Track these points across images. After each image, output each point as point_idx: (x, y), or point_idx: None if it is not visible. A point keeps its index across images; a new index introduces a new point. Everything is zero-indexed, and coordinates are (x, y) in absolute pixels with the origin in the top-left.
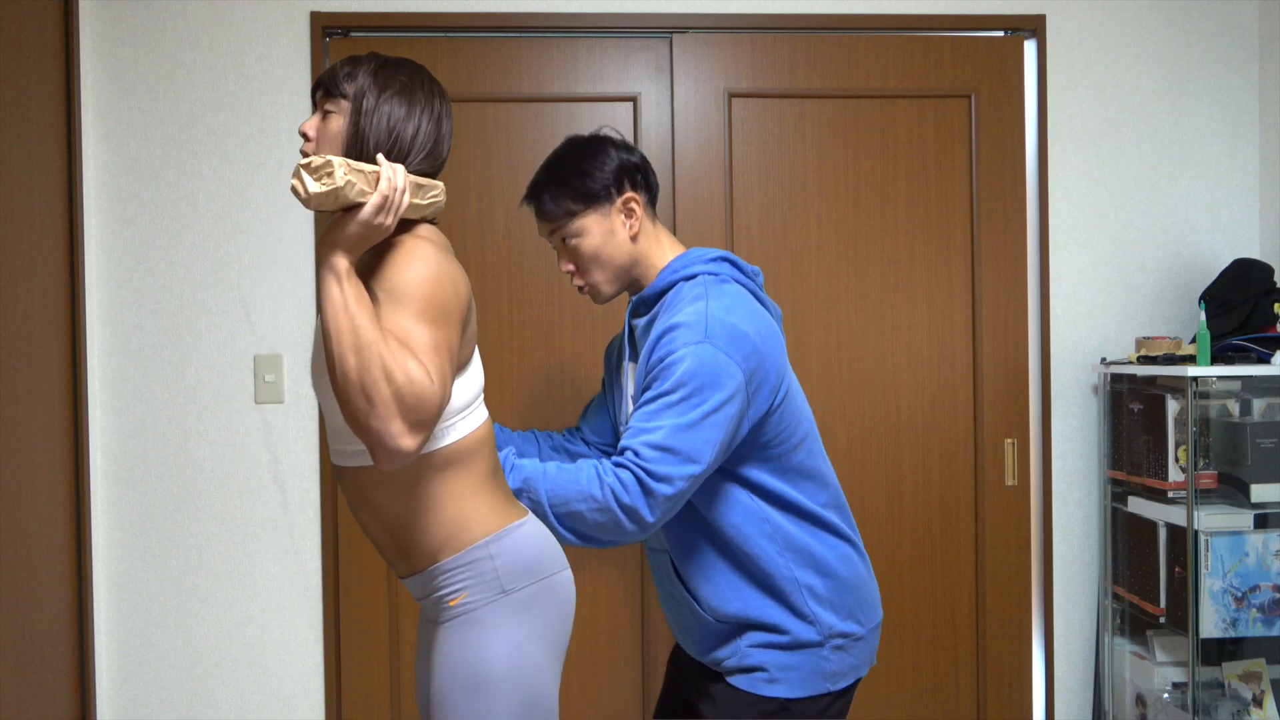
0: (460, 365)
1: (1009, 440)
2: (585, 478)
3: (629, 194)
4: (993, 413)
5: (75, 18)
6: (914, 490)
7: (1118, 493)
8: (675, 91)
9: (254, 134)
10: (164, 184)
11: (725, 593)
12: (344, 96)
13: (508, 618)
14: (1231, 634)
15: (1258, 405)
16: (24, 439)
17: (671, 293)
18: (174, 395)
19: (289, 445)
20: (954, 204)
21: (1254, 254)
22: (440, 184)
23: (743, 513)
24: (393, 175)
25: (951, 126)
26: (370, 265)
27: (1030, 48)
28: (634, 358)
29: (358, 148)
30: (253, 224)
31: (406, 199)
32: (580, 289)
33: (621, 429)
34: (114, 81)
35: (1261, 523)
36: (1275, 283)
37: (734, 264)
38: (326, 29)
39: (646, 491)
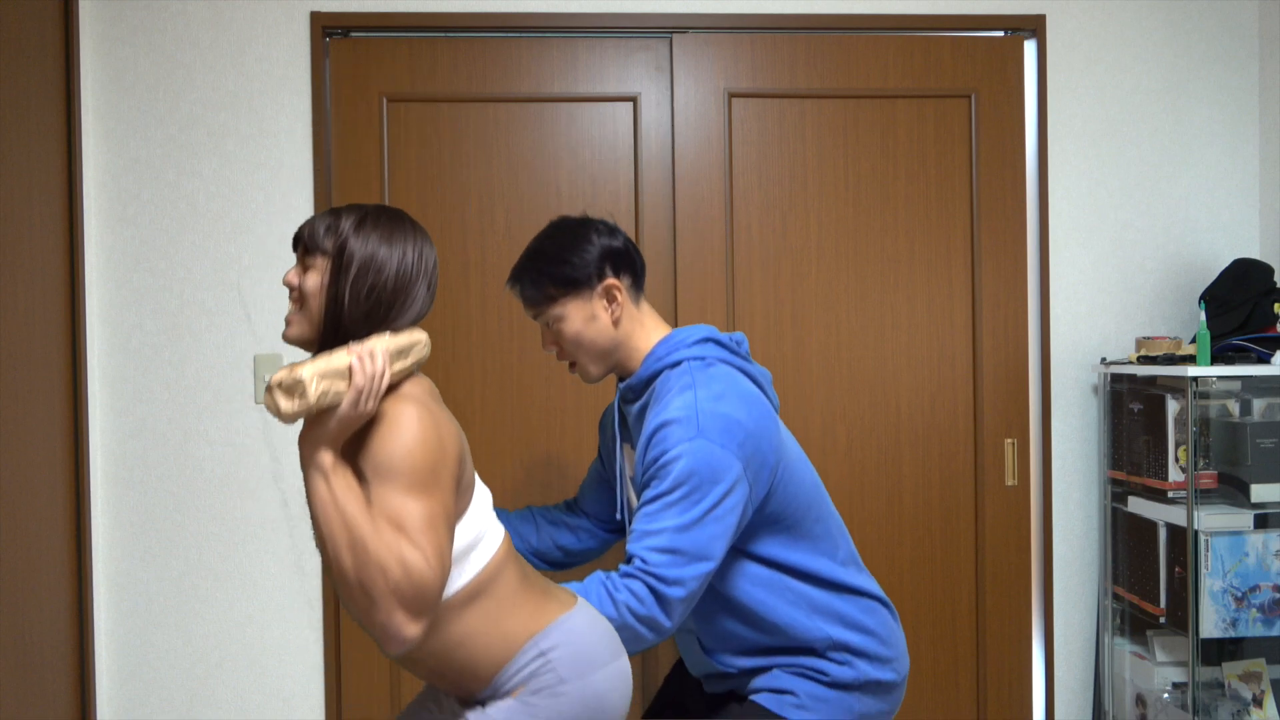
0: (461, 510)
1: (1009, 440)
2: (596, 597)
3: (610, 280)
4: (993, 413)
5: (75, 18)
6: (914, 490)
7: (1118, 493)
8: (675, 91)
9: (254, 134)
10: (164, 184)
11: (761, 657)
12: (324, 253)
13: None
14: (1231, 634)
15: (1258, 405)
16: (24, 439)
17: (659, 381)
18: (174, 395)
19: (289, 445)
20: (954, 204)
21: (1254, 254)
22: (422, 335)
23: (764, 585)
24: (369, 362)
25: (951, 126)
26: (354, 437)
27: (1030, 48)
28: (628, 439)
29: (337, 304)
30: (253, 224)
31: (386, 380)
32: (570, 368)
33: (618, 516)
34: (114, 81)
35: (1261, 523)
36: (1275, 283)
37: (717, 342)
38: (326, 29)
39: (660, 599)
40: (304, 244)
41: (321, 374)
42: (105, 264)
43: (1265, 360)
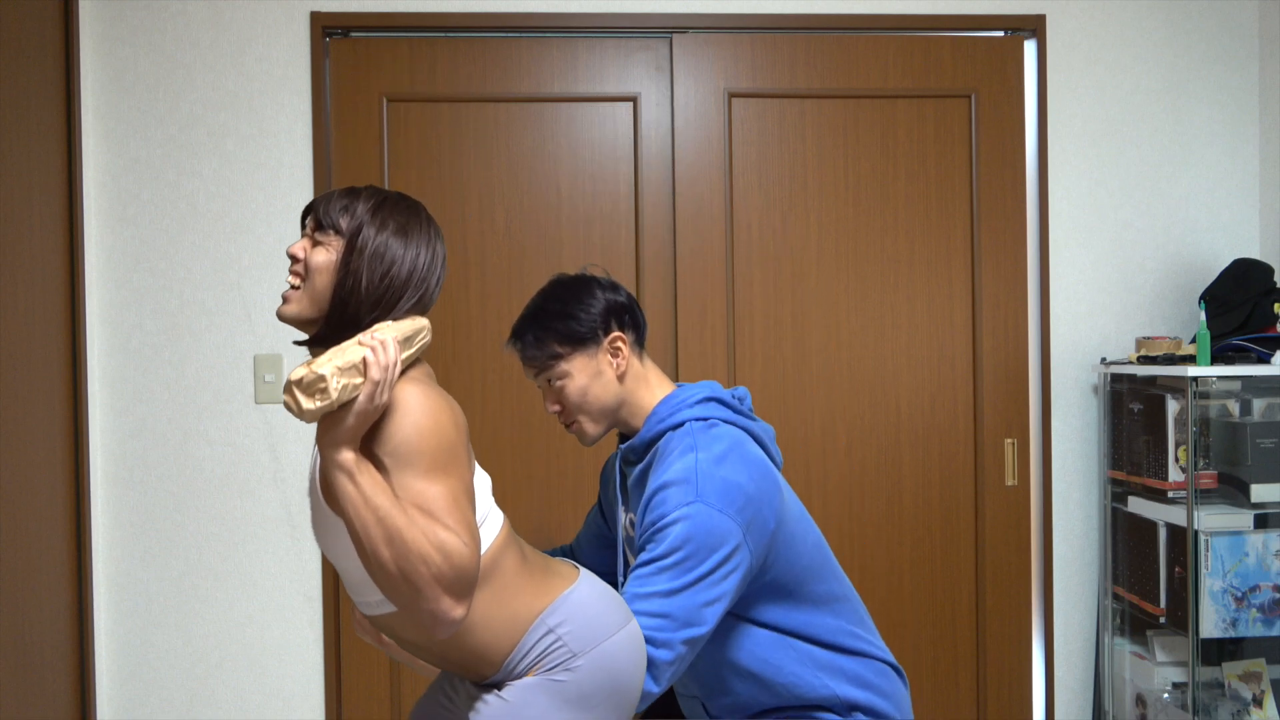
0: None
1: (1009, 440)
2: None
3: (615, 334)
4: (993, 413)
5: (75, 18)
6: (914, 490)
7: (1118, 493)
8: (675, 91)
9: (254, 134)
10: (164, 184)
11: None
12: (337, 232)
13: (572, 697)
14: (1231, 634)
15: (1258, 405)
16: (24, 439)
17: (661, 443)
18: (174, 395)
19: (289, 445)
20: (954, 204)
21: (1254, 254)
22: (425, 322)
23: (769, 647)
24: (382, 353)
25: (951, 126)
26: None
27: (1030, 48)
28: (629, 508)
29: (347, 287)
30: (253, 224)
31: (398, 370)
32: (568, 428)
33: (620, 579)
34: (114, 81)
35: (1261, 523)
36: (1275, 283)
37: (720, 401)
38: (326, 29)
39: (648, 663)
40: (316, 218)
41: (340, 369)
42: (105, 264)
43: (1265, 360)
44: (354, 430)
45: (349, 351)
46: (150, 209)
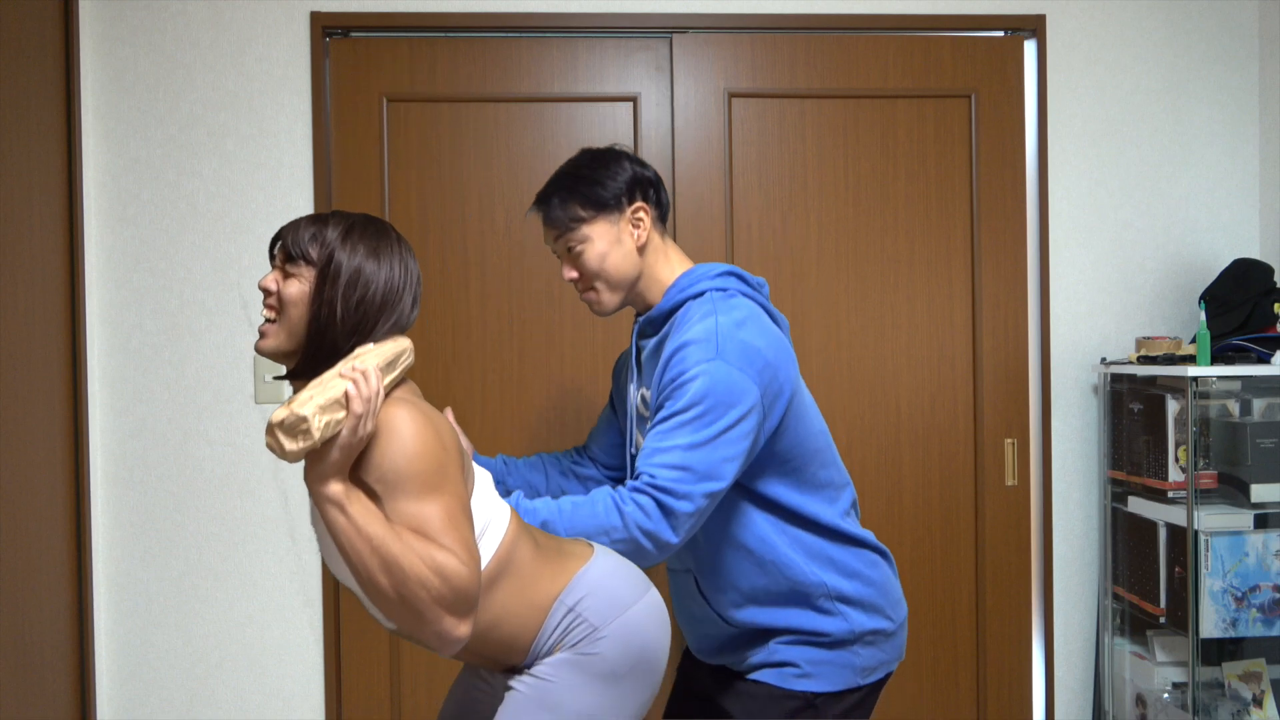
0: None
1: (1009, 440)
2: (603, 509)
3: (639, 204)
4: (993, 413)
5: (75, 18)
6: (914, 490)
7: (1118, 493)
8: (675, 91)
9: (254, 134)
10: (164, 184)
11: (753, 606)
12: (308, 261)
13: (597, 674)
14: (1231, 634)
15: (1258, 405)
16: (24, 439)
17: (680, 312)
18: (174, 395)
19: None
20: (954, 204)
21: (1254, 254)
22: (406, 343)
23: (766, 524)
24: (364, 385)
25: (951, 126)
26: None
27: (1030, 48)
28: (642, 382)
29: (323, 317)
30: (253, 224)
31: (381, 398)
32: (583, 295)
33: (630, 450)
34: (114, 81)
35: (1261, 523)
36: (1275, 283)
37: (740, 278)
38: (326, 29)
39: (667, 513)
40: (285, 249)
41: (322, 408)
42: (105, 264)
43: (1265, 360)
44: (340, 464)
45: (330, 386)
46: (150, 209)
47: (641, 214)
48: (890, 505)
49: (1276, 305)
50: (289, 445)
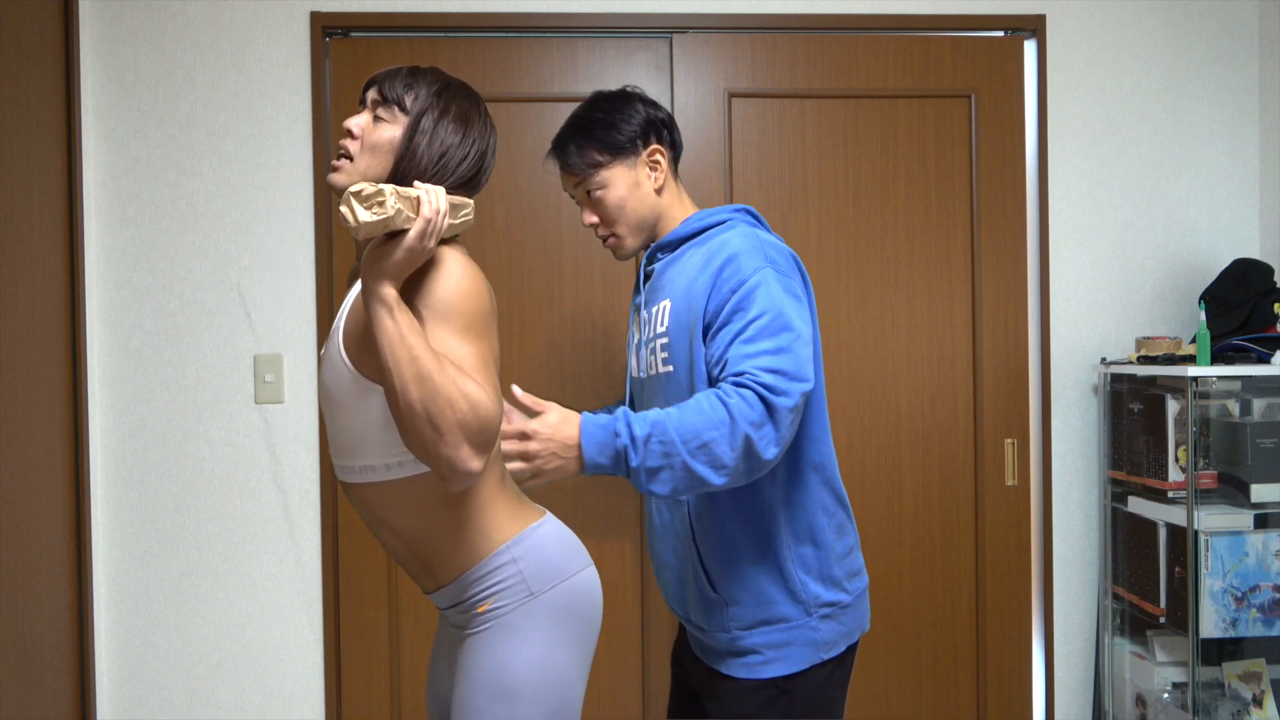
0: None
1: (1009, 440)
2: (709, 405)
3: (655, 146)
4: (993, 413)
5: (75, 18)
6: (914, 490)
7: (1118, 493)
8: (675, 91)
9: (254, 134)
10: (164, 184)
11: (734, 582)
12: (403, 109)
13: (537, 625)
14: (1231, 634)
15: (1258, 405)
16: (24, 439)
17: (704, 234)
18: (174, 395)
19: (289, 445)
20: (954, 204)
21: (1254, 254)
22: (470, 201)
23: (778, 499)
24: (435, 200)
25: (951, 126)
26: (408, 280)
27: (1030, 48)
28: (647, 302)
29: (406, 164)
30: (253, 224)
31: (446, 221)
32: (604, 241)
33: (640, 374)
34: (114, 81)
35: (1261, 523)
36: (1275, 283)
37: (755, 217)
38: (326, 29)
39: (770, 407)
40: (380, 93)
41: (400, 194)
42: (105, 264)
43: (1265, 360)
44: (400, 266)
45: (405, 189)
46: (150, 209)
47: (659, 156)
48: (890, 505)
49: (1276, 305)
50: (363, 214)
